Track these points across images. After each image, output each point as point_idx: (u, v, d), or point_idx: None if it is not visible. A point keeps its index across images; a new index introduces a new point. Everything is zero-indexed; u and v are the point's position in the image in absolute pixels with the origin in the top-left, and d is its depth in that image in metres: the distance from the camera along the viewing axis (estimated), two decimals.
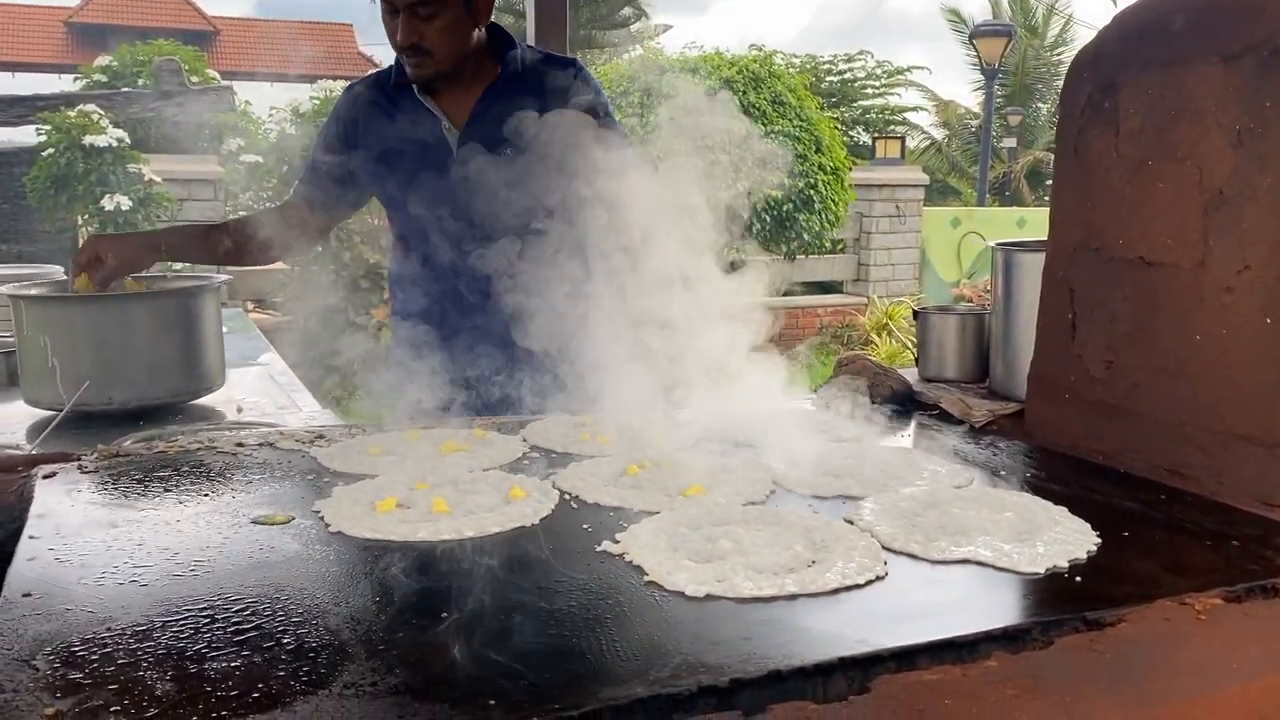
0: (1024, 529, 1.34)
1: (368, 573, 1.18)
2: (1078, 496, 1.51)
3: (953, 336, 2.21)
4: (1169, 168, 1.59)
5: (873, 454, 1.67)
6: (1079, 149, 1.75)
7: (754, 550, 1.23)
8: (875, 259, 12.14)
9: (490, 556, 1.22)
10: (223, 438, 1.76)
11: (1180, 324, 1.58)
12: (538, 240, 2.03)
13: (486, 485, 1.47)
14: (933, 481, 1.54)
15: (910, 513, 1.39)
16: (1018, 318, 2.05)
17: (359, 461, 1.61)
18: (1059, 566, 1.22)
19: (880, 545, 1.27)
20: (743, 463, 1.62)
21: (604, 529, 1.33)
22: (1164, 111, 1.60)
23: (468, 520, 1.32)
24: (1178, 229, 1.58)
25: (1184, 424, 1.58)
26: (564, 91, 2.29)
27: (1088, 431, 1.74)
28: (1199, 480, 1.55)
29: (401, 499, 1.41)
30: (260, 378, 2.95)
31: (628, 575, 1.18)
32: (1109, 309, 1.70)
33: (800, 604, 1.12)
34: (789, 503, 1.47)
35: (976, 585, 1.18)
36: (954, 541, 1.28)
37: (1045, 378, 1.84)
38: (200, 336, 2.39)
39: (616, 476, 1.53)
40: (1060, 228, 1.80)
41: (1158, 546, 1.31)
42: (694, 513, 1.36)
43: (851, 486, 1.50)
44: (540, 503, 1.40)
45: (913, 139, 25.30)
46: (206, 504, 1.42)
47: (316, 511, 1.38)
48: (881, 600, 1.14)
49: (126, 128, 8.48)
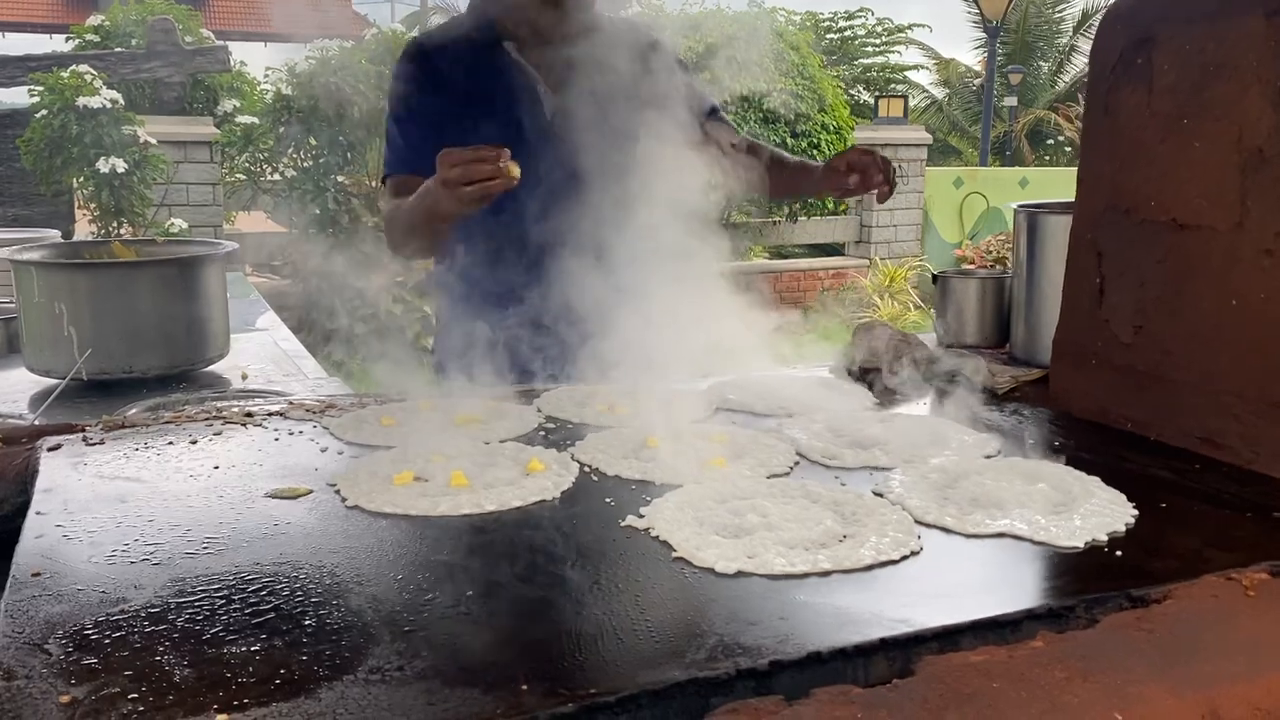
0: (1059, 501, 1.30)
1: (388, 549, 1.15)
2: (1109, 466, 1.48)
3: (973, 301, 2.17)
4: (1206, 126, 1.54)
5: (897, 423, 1.63)
6: (1110, 107, 1.70)
7: (783, 525, 1.19)
8: (877, 220, 12.05)
9: (512, 531, 1.19)
10: (231, 408, 1.72)
11: (1216, 288, 1.53)
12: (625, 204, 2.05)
13: (504, 457, 1.43)
14: (960, 451, 1.51)
15: (941, 484, 1.36)
16: (1040, 281, 2.00)
17: (372, 432, 1.57)
18: (1098, 540, 1.18)
19: (913, 519, 1.24)
20: (764, 434, 1.58)
21: (627, 503, 1.29)
22: (1201, 68, 1.55)
23: (488, 494, 1.28)
24: (1214, 190, 1.53)
25: (1219, 391, 1.53)
26: (646, 48, 2.20)
27: (1116, 399, 1.70)
28: (1233, 449, 1.52)
29: (419, 471, 1.37)
30: (264, 344, 2.91)
31: (654, 551, 1.14)
32: (1139, 273, 1.65)
33: (835, 581, 1.08)
34: (814, 475, 1.43)
35: (1014, 560, 1.15)
36: (988, 514, 1.24)
37: (1071, 344, 1.80)
38: (209, 304, 2.35)
39: (636, 449, 1.50)
40: (1088, 189, 1.75)
41: (1197, 519, 1.28)
42: (718, 486, 1.32)
43: (878, 458, 1.46)
44: (560, 476, 1.37)
45: (913, 97, 25.08)
46: (218, 477, 1.38)
47: (332, 485, 1.34)
48: (918, 576, 1.10)
49: (120, 89, 8.35)
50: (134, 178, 7.80)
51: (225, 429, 1.62)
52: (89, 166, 7.63)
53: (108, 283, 2.17)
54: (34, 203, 8.61)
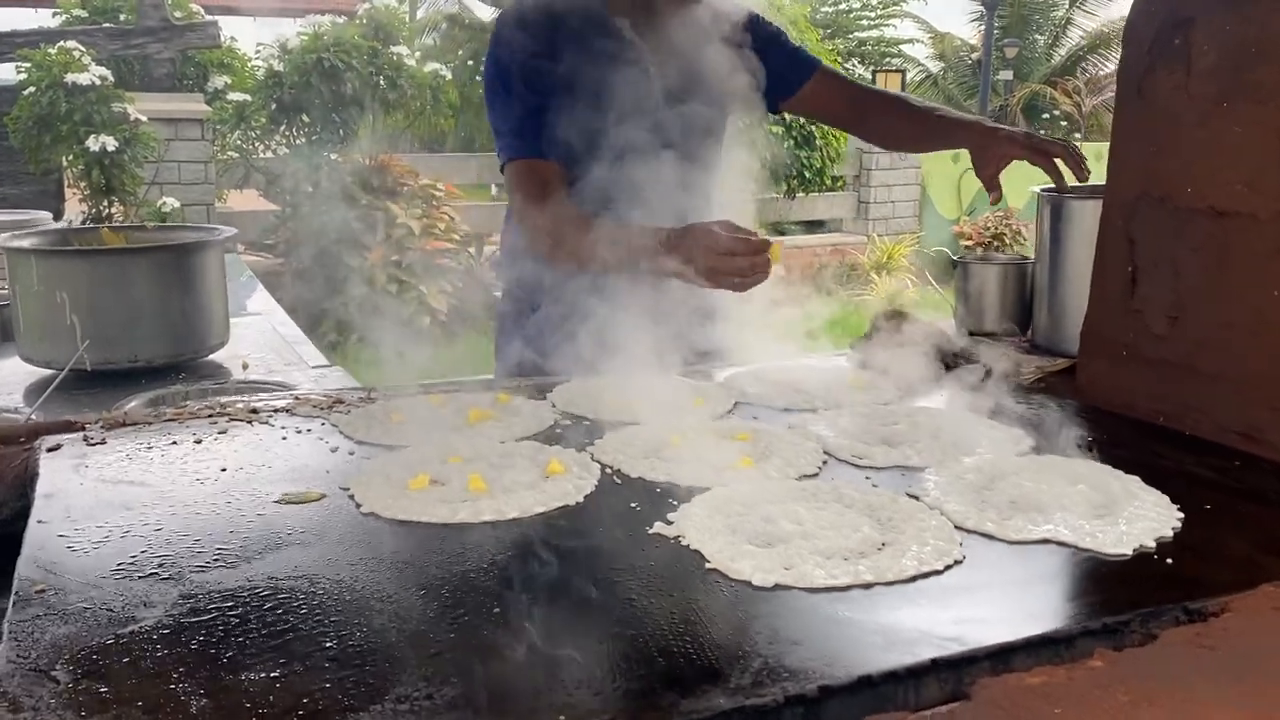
0: (1101, 503, 1.25)
1: (408, 561, 1.10)
2: (1146, 463, 1.43)
3: (994, 287, 2.12)
4: (1246, 110, 1.48)
5: (923, 418, 1.58)
6: (1144, 90, 1.64)
7: (818, 532, 1.14)
8: (875, 196, 11.97)
9: (537, 541, 1.14)
10: (236, 404, 1.66)
11: (1256, 277, 1.48)
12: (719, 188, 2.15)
13: (522, 458, 1.38)
14: (993, 448, 1.46)
15: (977, 486, 1.31)
16: (1065, 268, 1.95)
17: (383, 431, 1.51)
18: (1146, 546, 1.14)
19: (952, 524, 1.19)
20: (789, 430, 1.53)
21: (653, 508, 1.24)
22: (1243, 49, 1.49)
23: (508, 499, 1.23)
24: (1255, 176, 1.48)
25: (1259, 385, 1.49)
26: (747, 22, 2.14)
27: (1148, 391, 1.65)
28: (1273, 444, 1.47)
29: (434, 475, 1.32)
30: (263, 330, 2.85)
31: (687, 561, 1.10)
32: (1174, 262, 1.60)
33: (877, 594, 1.03)
34: (844, 475, 1.38)
35: (1060, 569, 1.10)
36: (1030, 519, 1.20)
37: (1100, 334, 1.75)
38: (210, 291, 2.29)
39: (658, 448, 1.44)
40: (1120, 175, 1.70)
41: (1245, 521, 1.23)
42: (746, 489, 1.27)
43: (909, 456, 1.42)
44: (582, 479, 1.31)
45: (909, 71, 24.94)
46: (226, 481, 1.33)
47: (345, 489, 1.29)
48: (963, 588, 1.05)
49: (109, 65, 8.22)
50: (124, 156, 7.67)
51: (230, 426, 1.56)
52: (78, 145, 7.51)
53: (110, 270, 2.11)
54: (23, 182, 8.48)
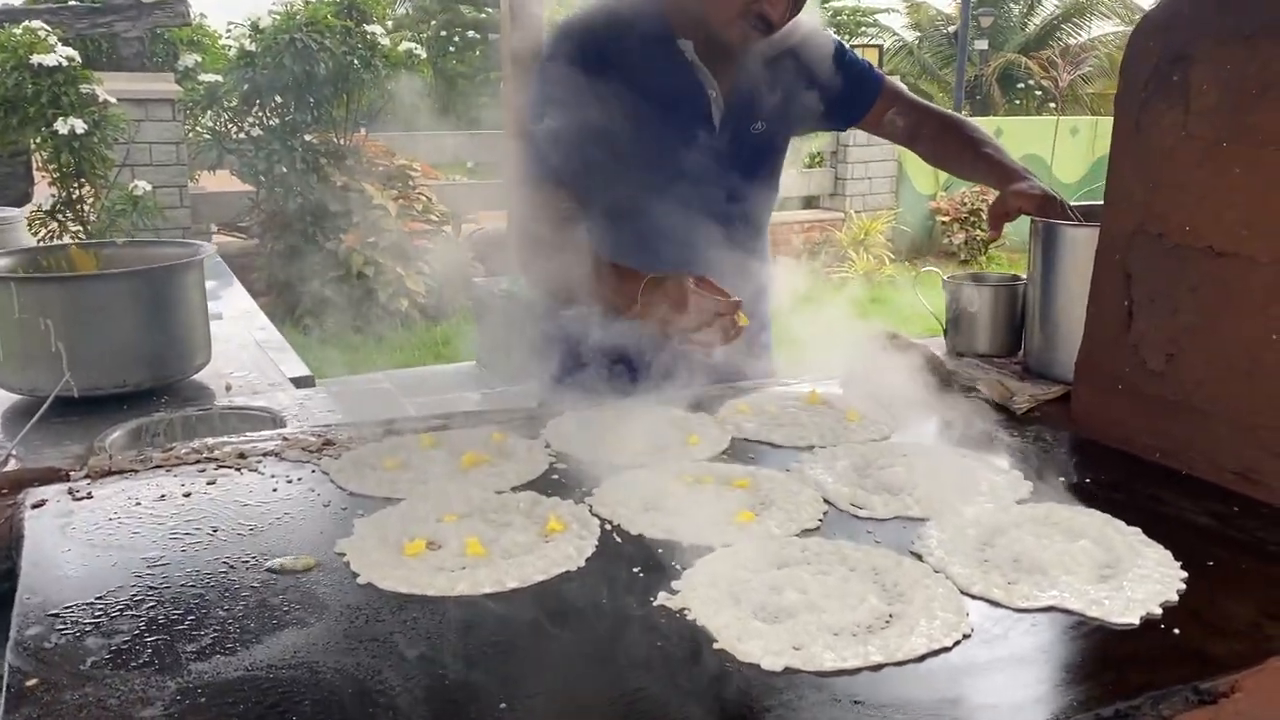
0: (1105, 562, 1.25)
1: (409, 643, 1.07)
2: (1146, 509, 1.43)
3: (985, 308, 2.10)
4: (1247, 152, 1.47)
5: (921, 459, 1.57)
6: (1141, 124, 1.63)
7: (825, 604, 1.13)
8: (852, 172, 11.94)
9: (541, 620, 1.12)
10: (224, 446, 1.63)
11: (1255, 320, 1.48)
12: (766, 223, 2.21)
13: (520, 514, 1.36)
14: (992, 495, 1.45)
15: (979, 542, 1.30)
16: (1059, 293, 1.94)
17: (376, 480, 1.48)
18: (1152, 614, 1.14)
19: (958, 589, 1.18)
20: (786, 477, 1.51)
21: (656, 572, 1.22)
22: (1243, 90, 1.47)
23: (508, 566, 1.21)
24: (1255, 219, 1.47)
25: (1256, 427, 1.49)
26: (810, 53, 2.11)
27: (1144, 427, 1.64)
28: (1269, 487, 1.47)
29: (430, 535, 1.29)
30: (244, 343, 2.80)
31: (695, 639, 1.08)
32: (1172, 299, 1.59)
33: (887, 676, 1.02)
34: (846, 529, 1.37)
35: (1068, 642, 1.10)
36: (1035, 584, 1.19)
37: (1096, 367, 1.74)
38: (192, 311, 2.25)
39: (657, 497, 1.43)
40: (1117, 208, 1.68)
41: (1248, 581, 1.23)
42: (749, 552, 1.26)
43: (910, 506, 1.41)
44: (582, 538, 1.29)
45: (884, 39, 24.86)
46: (217, 545, 1.30)
47: (340, 554, 1.27)
48: (972, 666, 1.05)
49: (76, 45, 8.06)
50: (94, 138, 7.54)
51: (219, 475, 1.53)
52: (46, 127, 7.36)
53: (96, 296, 2.07)
54: None
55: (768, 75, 2.05)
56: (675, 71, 2.00)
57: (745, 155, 2.06)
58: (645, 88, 1.93)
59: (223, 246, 9.21)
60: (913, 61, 25.71)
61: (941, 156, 2.31)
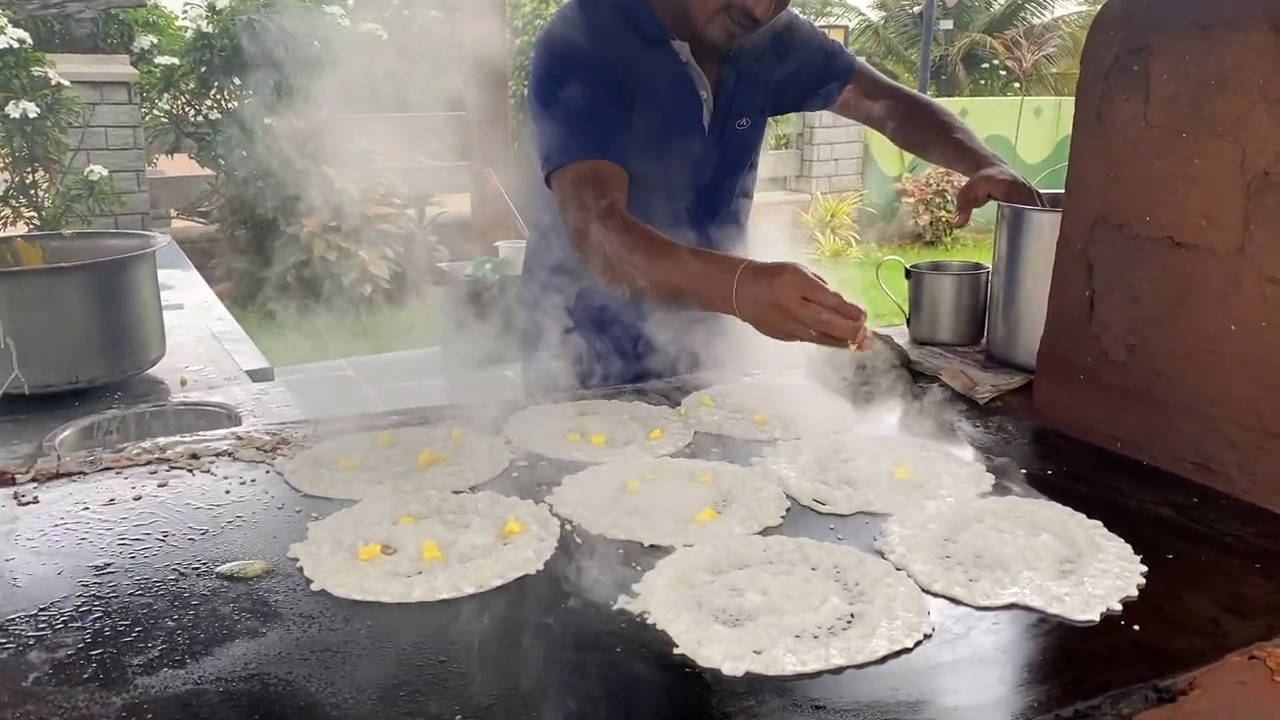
0: (1066, 556, 1.25)
1: (362, 654, 1.05)
2: (1107, 501, 1.43)
3: (948, 296, 2.10)
4: (1206, 143, 1.47)
5: (883, 453, 1.56)
6: (1103, 115, 1.62)
7: (785, 605, 1.12)
8: (818, 154, 11.93)
9: (498, 627, 1.10)
10: (175, 446, 1.60)
11: (1214, 311, 1.48)
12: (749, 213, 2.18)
13: (478, 515, 1.34)
14: (955, 488, 1.45)
15: (941, 537, 1.30)
16: (1023, 280, 1.94)
17: (330, 481, 1.45)
18: (1112, 609, 1.13)
19: (919, 586, 1.18)
20: (749, 472, 1.50)
21: (616, 574, 1.21)
22: (1202, 81, 1.47)
23: (465, 570, 1.19)
24: (1214, 210, 1.47)
25: (1215, 417, 1.49)
26: (786, 43, 2.10)
27: (1105, 417, 1.65)
28: (1229, 477, 1.48)
29: (385, 539, 1.27)
30: (200, 336, 2.75)
31: (655, 644, 1.06)
32: (1132, 289, 1.59)
33: (848, 679, 1.02)
34: (807, 525, 1.36)
35: (1029, 641, 1.09)
36: (996, 580, 1.18)
37: (1058, 357, 1.74)
38: (145, 305, 2.20)
39: (617, 495, 1.41)
40: (1079, 198, 1.68)
41: (1207, 574, 1.23)
42: (710, 552, 1.24)
43: (871, 502, 1.40)
44: (541, 540, 1.27)
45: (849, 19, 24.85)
46: (167, 551, 1.27)
47: (294, 559, 1.24)
48: (933, 667, 1.04)
49: (27, 26, 7.88)
50: (47, 122, 7.39)
51: (170, 477, 1.50)
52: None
53: (41, 290, 2.02)
54: None
55: (751, 71, 2.04)
56: (671, 73, 1.96)
57: (730, 152, 2.03)
58: (644, 89, 1.91)
59: (183, 232, 9.09)
60: (878, 42, 25.70)
61: (911, 140, 2.30)
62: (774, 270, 1.54)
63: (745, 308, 1.57)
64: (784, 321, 1.53)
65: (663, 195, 1.92)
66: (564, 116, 1.84)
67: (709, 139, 2.00)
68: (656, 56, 1.94)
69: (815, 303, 1.50)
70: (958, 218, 2.06)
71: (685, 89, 1.98)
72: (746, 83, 2.04)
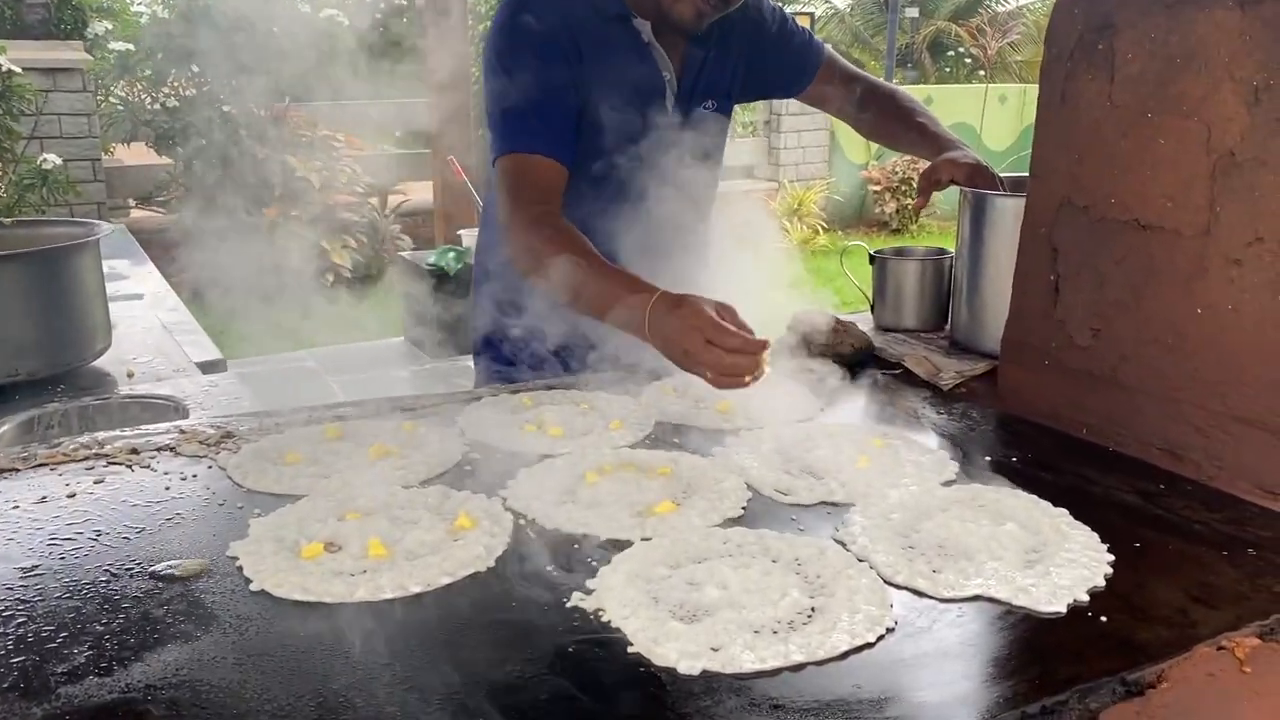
0: (1031, 546, 1.22)
1: (301, 659, 1.00)
2: (1073, 488, 1.41)
3: (912, 282, 2.07)
4: (1172, 123, 1.44)
5: (846, 441, 1.53)
6: (1066, 95, 1.59)
7: (744, 599, 1.08)
8: (785, 142, 11.91)
9: (445, 628, 1.05)
10: (115, 441, 1.53)
11: (1180, 295, 1.45)
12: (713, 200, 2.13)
13: (427, 511, 1.29)
14: (918, 477, 1.41)
15: (904, 528, 1.26)
16: (986, 265, 1.91)
17: (275, 476, 1.40)
18: (1079, 600, 1.11)
19: (882, 579, 1.14)
20: (710, 464, 1.46)
21: (571, 569, 1.17)
22: (1167, 59, 1.44)
23: (411, 568, 1.14)
24: (1180, 191, 1.44)
25: (1180, 402, 1.47)
26: (756, 27, 2.05)
27: (1070, 402, 1.62)
28: (1195, 463, 1.46)
29: (329, 536, 1.22)
30: (149, 326, 2.68)
31: (610, 643, 1.02)
32: (1098, 273, 1.57)
33: (808, 676, 0.98)
34: (768, 516, 1.32)
35: (995, 634, 1.06)
36: (960, 571, 1.15)
37: (1023, 342, 1.71)
38: (90, 295, 2.13)
39: (573, 487, 1.37)
40: (1043, 180, 1.65)
41: (1175, 563, 1.21)
42: (668, 545, 1.20)
43: (834, 491, 1.36)
44: (493, 535, 1.23)
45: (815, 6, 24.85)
46: (100, 550, 1.21)
47: (233, 558, 1.19)
48: (896, 663, 1.01)
49: None
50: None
51: (108, 473, 1.44)
52: None
53: None
54: None
55: (718, 53, 1.99)
56: (632, 53, 1.91)
57: (695, 135, 1.98)
58: (603, 68, 1.86)
59: (142, 222, 8.92)
60: (844, 29, 25.70)
61: (875, 129, 2.27)
62: (681, 306, 1.51)
63: (656, 339, 1.55)
64: (687, 362, 1.50)
65: (624, 179, 1.87)
66: (512, 105, 1.82)
67: (674, 119, 1.95)
68: (617, 34, 1.89)
69: (718, 346, 1.46)
70: (918, 201, 2.03)
71: (647, 69, 1.93)
72: (714, 65, 1.99)
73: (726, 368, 1.46)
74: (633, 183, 1.90)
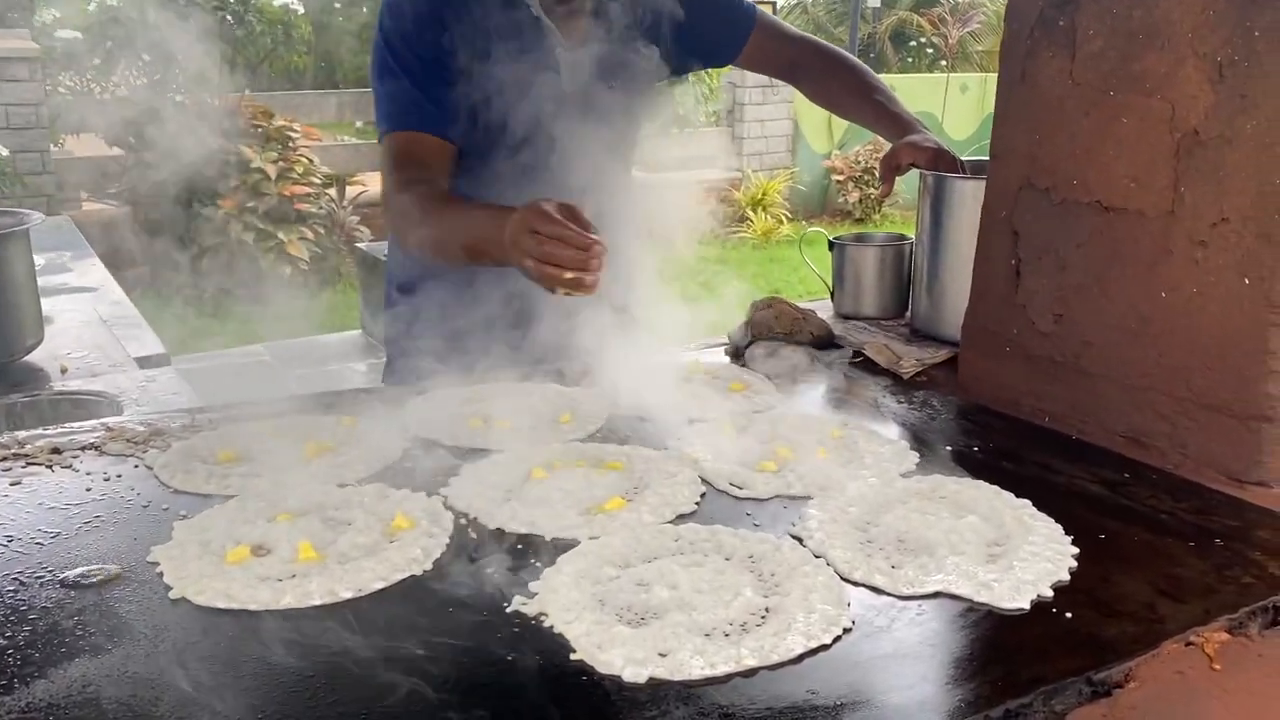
0: (994, 539, 1.17)
1: (219, 673, 0.93)
2: (1036, 478, 1.36)
3: (871, 269, 2.03)
4: (1135, 101, 1.40)
5: (804, 431, 1.48)
6: (1027, 73, 1.55)
7: (695, 600, 1.03)
8: (748, 131, 11.86)
9: (376, 636, 0.99)
10: (36, 440, 1.45)
11: (1144, 278, 1.42)
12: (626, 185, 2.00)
13: (363, 510, 1.22)
14: (877, 468, 1.37)
15: (862, 522, 1.21)
16: (946, 251, 1.87)
17: (204, 475, 1.33)
18: (1043, 595, 1.06)
19: (839, 575, 1.09)
20: (663, 457, 1.40)
21: (513, 571, 1.11)
22: (1130, 35, 1.40)
23: (343, 573, 1.08)
24: (1143, 172, 1.40)
25: (1145, 389, 1.43)
26: None
27: (1032, 390, 1.58)
28: (1160, 450, 1.42)
29: (258, 539, 1.15)
30: (87, 320, 2.58)
31: (551, 651, 0.96)
32: (1060, 256, 1.53)
33: (761, 681, 0.93)
34: (722, 511, 1.27)
35: (956, 632, 1.01)
36: (920, 566, 1.11)
37: (983, 329, 1.67)
38: (17, 288, 2.04)
39: (519, 484, 1.31)
40: (1003, 162, 1.61)
41: (1140, 555, 1.16)
42: (617, 544, 1.14)
43: (791, 484, 1.31)
44: (432, 535, 1.17)
45: None
46: (10, 557, 1.14)
47: (154, 563, 1.12)
48: (854, 665, 0.96)
49: None
50: None
51: (26, 474, 1.36)
52: None
53: None
54: None
55: (623, 29, 1.88)
56: (520, 27, 1.83)
57: (600, 118, 1.89)
58: (491, 42, 1.77)
59: (94, 215, 8.72)
60: (807, 19, 25.72)
61: (829, 98, 2.18)
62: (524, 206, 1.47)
63: (514, 254, 1.48)
64: (514, 254, 1.46)
65: (525, 162, 1.80)
66: (393, 84, 1.82)
67: (572, 98, 1.86)
68: (503, 9, 1.81)
69: (540, 233, 1.41)
70: (882, 189, 1.98)
71: (537, 46, 1.84)
72: (622, 40, 1.88)
73: (544, 255, 1.41)
74: (534, 165, 1.81)
